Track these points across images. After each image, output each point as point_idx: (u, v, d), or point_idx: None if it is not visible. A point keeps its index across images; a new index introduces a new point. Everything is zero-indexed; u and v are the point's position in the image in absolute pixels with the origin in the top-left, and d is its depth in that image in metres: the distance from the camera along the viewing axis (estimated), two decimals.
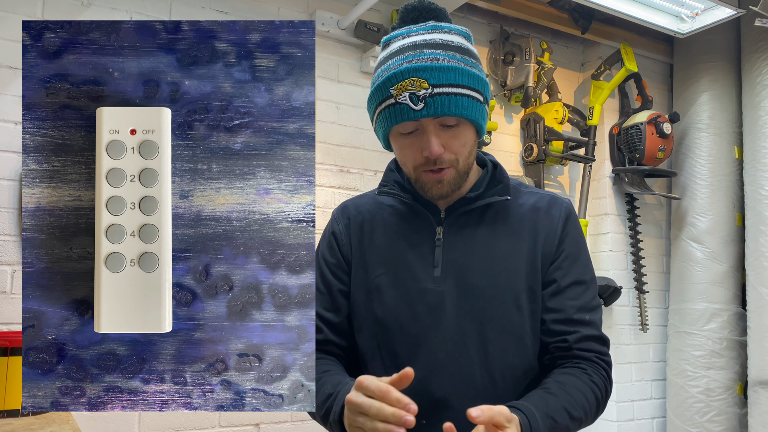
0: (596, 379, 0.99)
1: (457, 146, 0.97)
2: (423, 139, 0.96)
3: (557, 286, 1.01)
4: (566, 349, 1.00)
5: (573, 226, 1.05)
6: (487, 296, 0.99)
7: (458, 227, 1.03)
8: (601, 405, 1.01)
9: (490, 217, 1.04)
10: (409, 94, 0.94)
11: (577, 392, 0.96)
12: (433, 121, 0.95)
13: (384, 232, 1.07)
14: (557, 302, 1.01)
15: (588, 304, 1.02)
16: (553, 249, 1.02)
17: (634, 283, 2.86)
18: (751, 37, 2.73)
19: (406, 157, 1.00)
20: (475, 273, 1.00)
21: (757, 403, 2.56)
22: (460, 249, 1.02)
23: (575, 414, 0.94)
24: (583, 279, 1.03)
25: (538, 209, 1.04)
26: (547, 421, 0.90)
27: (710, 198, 2.77)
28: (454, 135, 0.97)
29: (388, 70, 0.97)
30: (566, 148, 2.68)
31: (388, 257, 1.05)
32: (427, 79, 0.94)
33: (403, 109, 0.94)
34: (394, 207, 1.08)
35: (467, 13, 2.67)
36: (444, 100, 0.94)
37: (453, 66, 0.95)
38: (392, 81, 0.95)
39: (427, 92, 0.93)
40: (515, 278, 1.00)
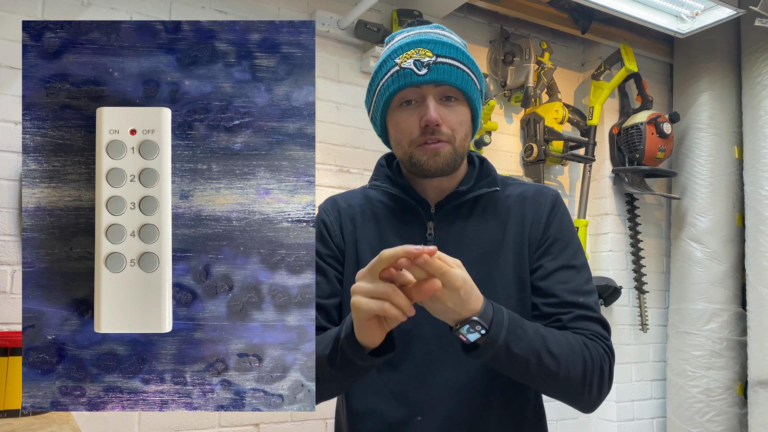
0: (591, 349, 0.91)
1: (455, 122, 0.97)
2: (422, 108, 0.96)
3: (544, 270, 0.99)
4: (561, 329, 0.94)
5: (560, 212, 1.04)
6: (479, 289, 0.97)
7: (449, 222, 1.03)
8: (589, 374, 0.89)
9: (480, 210, 1.04)
10: (413, 60, 0.96)
11: (561, 337, 0.89)
12: (435, 90, 0.96)
13: (375, 226, 1.06)
14: (547, 286, 0.98)
15: (580, 287, 0.97)
16: (539, 235, 1.01)
17: (634, 283, 2.86)
18: (751, 37, 2.73)
19: (402, 132, 0.99)
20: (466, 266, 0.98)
21: (757, 403, 2.56)
22: (452, 243, 1.01)
23: (553, 348, 0.86)
24: (572, 264, 0.99)
25: (525, 198, 1.04)
26: (515, 325, 0.84)
27: (710, 198, 2.77)
28: (453, 110, 0.97)
29: (393, 47, 1.00)
30: (566, 148, 2.68)
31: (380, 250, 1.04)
32: (431, 49, 0.96)
33: (406, 74, 0.96)
34: (384, 202, 1.07)
35: (467, 13, 2.67)
36: (447, 69, 0.96)
37: (457, 46, 0.99)
38: (397, 52, 0.98)
39: (431, 60, 0.95)
40: (505, 270, 0.99)
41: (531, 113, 2.69)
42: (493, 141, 2.63)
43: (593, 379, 0.90)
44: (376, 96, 1.02)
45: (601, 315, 0.97)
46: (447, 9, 2.43)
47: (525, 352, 0.84)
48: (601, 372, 0.91)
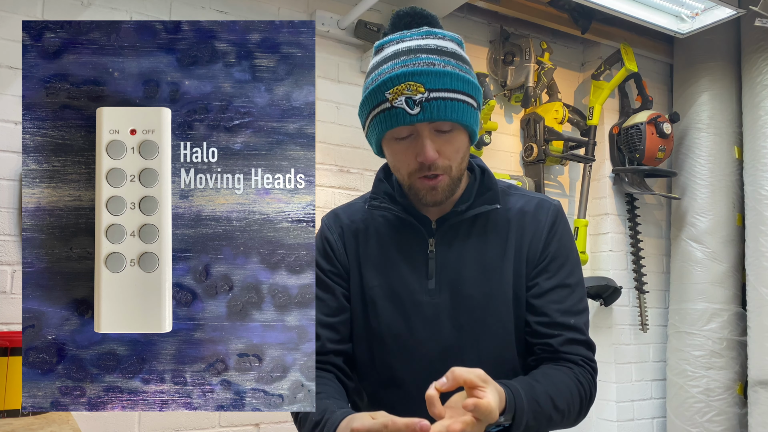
0: (582, 379, 0.99)
1: (451, 152, 0.96)
2: (417, 144, 0.95)
3: (539, 288, 1.01)
4: (552, 352, 1.00)
5: (560, 229, 1.04)
6: (481, 306, 1.00)
7: (450, 238, 1.03)
8: (584, 405, 0.99)
9: (481, 227, 1.03)
10: (405, 98, 0.92)
11: (563, 385, 0.95)
12: (429, 126, 0.94)
13: (377, 243, 1.06)
14: (541, 305, 1.00)
15: (573, 307, 1.01)
16: (538, 253, 1.02)
17: (634, 283, 2.86)
18: (751, 37, 2.73)
19: (399, 163, 0.99)
20: (468, 284, 1.00)
21: (757, 403, 2.56)
22: (453, 260, 1.01)
23: (559, 404, 0.93)
24: (567, 282, 1.02)
25: (525, 213, 1.04)
26: (532, 403, 0.89)
27: (710, 198, 2.77)
28: (448, 140, 0.96)
29: (383, 74, 0.95)
30: (566, 148, 2.68)
31: (383, 269, 1.04)
32: (423, 83, 0.92)
33: (398, 114, 0.93)
34: (386, 217, 1.07)
35: (467, 13, 2.67)
36: (440, 105, 0.92)
37: (449, 71, 0.94)
38: (387, 85, 0.94)
39: (423, 96, 0.92)
40: (506, 287, 1.00)
41: (531, 113, 2.69)
42: (493, 141, 2.63)
43: (585, 407, 1.00)
44: (368, 123, 0.99)
45: (588, 337, 1.03)
46: (447, 9, 2.43)
47: (540, 422, 0.91)
48: (590, 397, 1.00)
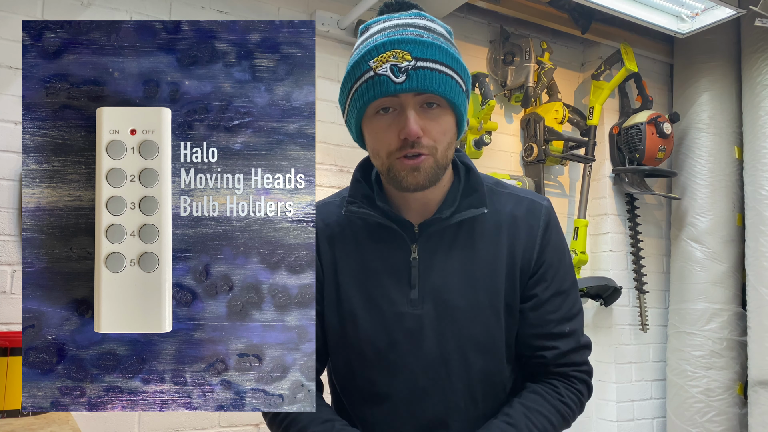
0: (566, 398, 0.96)
1: (437, 132, 0.88)
2: (401, 118, 0.87)
3: (538, 300, 0.97)
4: (544, 365, 0.98)
5: (553, 233, 0.99)
6: (467, 317, 0.94)
7: (433, 245, 0.95)
8: (569, 420, 0.99)
9: (467, 232, 0.96)
10: (390, 65, 0.84)
11: (540, 417, 0.93)
12: (414, 98, 0.86)
13: (355, 249, 0.98)
14: (537, 317, 0.97)
15: (568, 312, 0.98)
16: (532, 262, 0.97)
17: (634, 283, 2.86)
18: (751, 37, 2.73)
19: (379, 143, 0.89)
20: (453, 294, 0.94)
21: (757, 403, 2.56)
22: (437, 269, 0.95)
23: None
24: (563, 288, 0.98)
25: (516, 217, 0.97)
26: None
27: (710, 198, 2.77)
28: (434, 119, 0.88)
29: (367, 46, 0.88)
30: (566, 148, 2.68)
31: (361, 278, 0.97)
32: (410, 51, 0.84)
33: (382, 81, 0.85)
34: (365, 220, 0.98)
35: (467, 13, 2.67)
36: (428, 75, 0.85)
37: (438, 44, 0.87)
38: (372, 54, 0.86)
39: (410, 64, 0.84)
40: (496, 296, 0.95)
41: (531, 113, 2.69)
42: (493, 141, 2.63)
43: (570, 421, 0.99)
44: (349, 100, 0.91)
45: (582, 338, 1.00)
46: (447, 9, 2.43)
47: None
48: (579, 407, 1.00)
